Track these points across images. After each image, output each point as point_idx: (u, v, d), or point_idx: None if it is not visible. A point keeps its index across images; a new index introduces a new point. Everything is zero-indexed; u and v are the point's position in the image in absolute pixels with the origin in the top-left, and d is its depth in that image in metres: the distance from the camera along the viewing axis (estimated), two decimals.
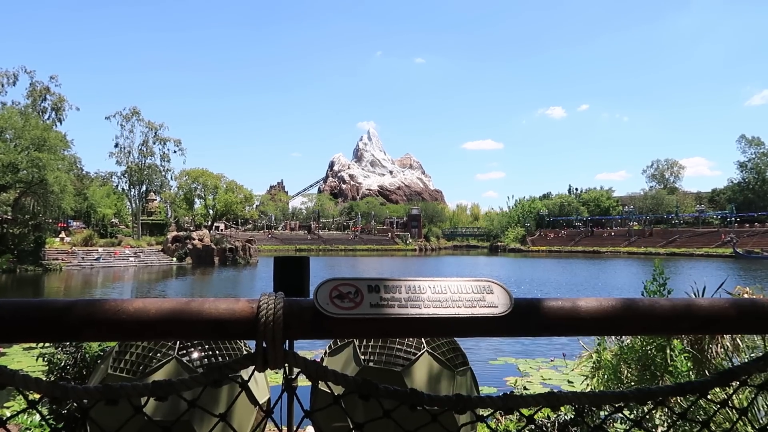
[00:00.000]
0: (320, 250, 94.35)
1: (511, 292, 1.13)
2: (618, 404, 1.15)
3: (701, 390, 1.17)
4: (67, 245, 52.24)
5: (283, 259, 3.82)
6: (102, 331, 1.01)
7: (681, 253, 78.65)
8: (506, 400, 1.11)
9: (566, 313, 1.13)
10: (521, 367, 11.89)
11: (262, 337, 1.03)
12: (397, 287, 1.10)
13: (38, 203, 44.54)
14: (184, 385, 1.05)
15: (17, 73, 58.38)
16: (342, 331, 1.07)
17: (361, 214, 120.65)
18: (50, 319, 1.00)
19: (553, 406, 1.13)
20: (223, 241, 60.78)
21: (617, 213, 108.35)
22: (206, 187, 76.65)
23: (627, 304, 1.16)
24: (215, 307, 1.05)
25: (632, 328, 1.17)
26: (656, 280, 5.02)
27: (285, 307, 1.05)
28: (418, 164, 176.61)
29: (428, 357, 4.82)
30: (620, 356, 5.31)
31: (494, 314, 1.09)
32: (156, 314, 1.02)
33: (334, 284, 1.09)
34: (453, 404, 1.09)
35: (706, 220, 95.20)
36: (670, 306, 1.17)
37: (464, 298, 1.10)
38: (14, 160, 41.09)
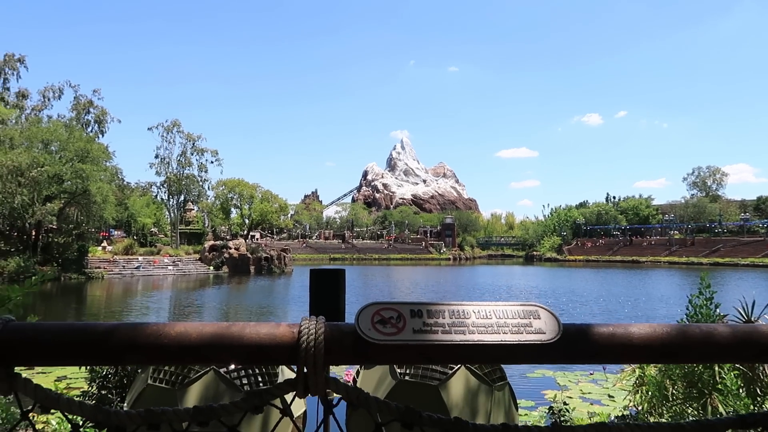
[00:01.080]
0: (354, 259, 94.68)
1: (559, 318, 1.09)
2: None
3: (765, 423, 1.10)
4: (108, 254, 53.73)
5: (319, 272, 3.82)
6: (144, 355, 1.01)
7: (725, 263, 76.17)
8: (555, 430, 1.06)
9: (618, 339, 1.08)
10: (560, 381, 11.65)
11: (303, 362, 1.01)
12: (441, 312, 1.07)
13: (81, 213, 45.94)
14: (224, 410, 1.03)
15: (62, 88, 60.70)
16: (384, 357, 1.04)
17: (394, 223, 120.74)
18: (93, 343, 1.00)
19: None
20: (259, 250, 61.56)
21: (657, 222, 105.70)
22: (242, 196, 77.89)
23: (682, 330, 1.10)
24: (256, 331, 1.04)
25: (688, 356, 1.11)
26: (702, 293, 4.83)
27: (326, 332, 1.03)
28: (452, 173, 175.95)
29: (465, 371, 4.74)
30: (665, 372, 5.13)
31: (542, 341, 1.04)
32: (197, 339, 1.01)
33: (376, 309, 1.06)
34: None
35: (752, 228, 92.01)
36: (730, 333, 1.10)
37: (510, 324, 1.06)
38: (59, 171, 42.56)
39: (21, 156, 40.34)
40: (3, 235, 45.60)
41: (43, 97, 59.65)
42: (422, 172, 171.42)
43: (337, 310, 2.12)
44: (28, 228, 44.10)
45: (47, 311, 26.63)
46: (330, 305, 3.40)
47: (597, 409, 9.13)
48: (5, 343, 0.99)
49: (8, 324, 1.02)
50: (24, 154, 40.95)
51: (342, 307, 2.56)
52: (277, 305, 29.47)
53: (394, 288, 42.64)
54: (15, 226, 44.88)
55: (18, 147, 42.38)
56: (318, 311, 2.21)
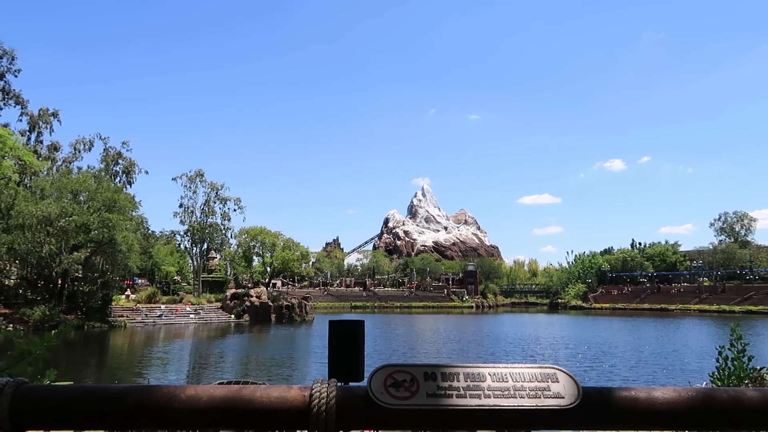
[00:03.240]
0: (375, 307, 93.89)
1: (578, 381, 1.06)
2: None
3: None
4: (132, 302, 54.12)
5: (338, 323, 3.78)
6: (155, 420, 1.00)
7: (758, 311, 73.74)
8: None
9: (641, 404, 1.04)
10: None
11: (314, 427, 0.99)
12: (455, 375, 1.05)
13: (107, 262, 46.63)
14: None
15: (93, 140, 62.66)
16: (397, 422, 1.02)
17: (416, 271, 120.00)
18: (105, 406, 0.99)
19: None
20: (280, 299, 61.47)
21: (684, 268, 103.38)
22: (264, 245, 78.44)
23: (709, 395, 1.06)
24: (267, 395, 1.02)
25: (716, 423, 1.06)
26: (734, 346, 4.66)
27: (338, 396, 1.01)
28: (473, 220, 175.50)
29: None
30: None
31: (561, 406, 1.01)
32: (207, 403, 1.00)
33: (389, 371, 1.05)
34: None
35: None
36: (760, 397, 1.06)
37: (527, 387, 1.03)
38: (87, 221, 43.51)
39: (50, 206, 41.42)
40: (30, 283, 46.35)
41: (74, 149, 61.65)
42: (443, 219, 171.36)
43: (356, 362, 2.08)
44: (55, 277, 44.81)
45: (69, 361, 26.72)
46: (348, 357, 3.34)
47: None
48: (18, 406, 0.99)
49: (21, 386, 1.02)
50: (53, 204, 42.06)
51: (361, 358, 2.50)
52: (298, 356, 29.17)
53: (415, 338, 42.01)
54: (42, 274, 45.65)
55: (48, 197, 43.58)
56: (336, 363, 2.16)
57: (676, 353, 29.33)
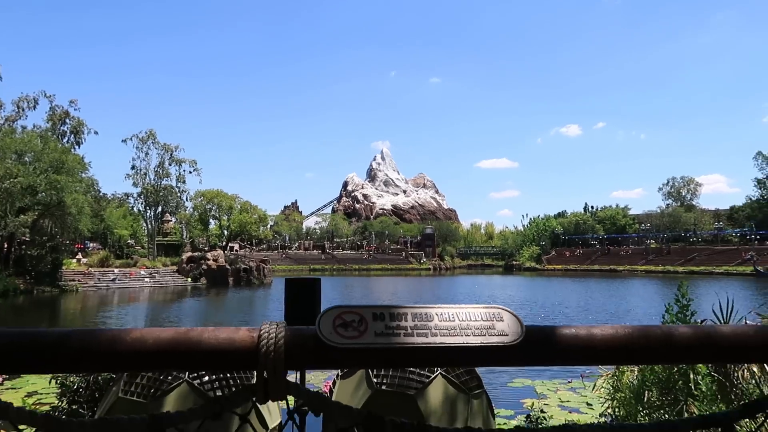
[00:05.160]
0: (334, 270, 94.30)
1: (522, 320, 1.09)
2: None
3: (726, 423, 1.11)
4: (83, 266, 52.76)
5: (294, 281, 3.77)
6: (100, 362, 0.98)
7: (700, 272, 77.46)
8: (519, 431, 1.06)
9: (580, 341, 1.08)
10: (538, 389, 11.68)
11: (263, 367, 0.99)
12: (404, 315, 1.06)
13: (56, 225, 45.09)
14: (182, 418, 1.01)
15: (37, 98, 59.67)
16: (346, 361, 1.03)
17: (374, 234, 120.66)
18: (45, 350, 0.97)
19: None
20: (238, 262, 61.00)
21: (634, 231, 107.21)
22: (221, 207, 77.21)
23: (644, 332, 1.11)
24: (215, 336, 1.02)
25: (650, 358, 1.11)
26: (679, 301, 4.90)
27: (287, 336, 1.01)
28: (432, 183, 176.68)
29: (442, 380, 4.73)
30: (641, 379, 5.18)
31: (505, 343, 1.04)
32: (154, 345, 0.99)
33: (337, 312, 1.05)
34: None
35: (725, 237, 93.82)
36: (690, 333, 1.11)
37: (473, 326, 1.06)
38: (33, 182, 41.77)
39: None
40: None
41: (17, 107, 58.56)
42: (402, 182, 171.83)
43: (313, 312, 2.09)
44: (1, 240, 43.15)
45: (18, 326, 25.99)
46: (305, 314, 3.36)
47: (575, 416, 9.18)
48: None
49: None
50: None
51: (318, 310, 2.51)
52: (256, 319, 29.17)
53: (373, 299, 42.49)
54: None
55: None
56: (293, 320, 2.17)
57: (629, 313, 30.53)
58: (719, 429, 1.11)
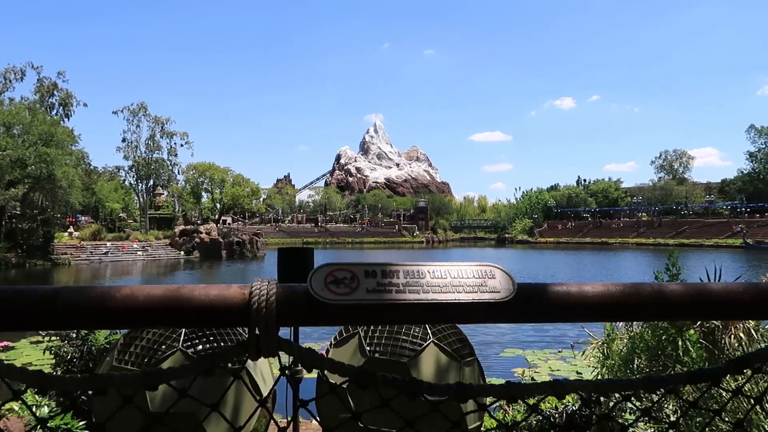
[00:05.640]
0: (327, 243, 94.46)
1: (514, 278, 1.09)
2: (626, 393, 1.11)
3: (714, 378, 1.13)
4: (75, 240, 52.58)
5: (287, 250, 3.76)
6: (89, 319, 0.98)
7: (690, 244, 78.16)
8: (510, 388, 1.07)
9: (572, 298, 1.08)
10: (529, 358, 11.85)
11: (254, 324, 0.99)
12: (395, 272, 1.06)
13: (46, 198, 44.76)
14: (174, 374, 1.01)
15: (24, 69, 58.58)
16: (337, 317, 1.03)
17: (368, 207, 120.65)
18: (34, 306, 0.96)
19: (558, 394, 1.08)
20: (231, 235, 60.93)
21: (626, 204, 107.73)
22: (213, 180, 76.78)
23: (635, 289, 1.11)
24: (206, 293, 1.01)
25: (641, 314, 1.12)
26: (669, 270, 4.95)
27: (278, 293, 1.01)
28: (425, 157, 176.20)
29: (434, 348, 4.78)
30: (630, 346, 5.25)
31: (496, 299, 1.04)
32: (144, 301, 0.98)
33: (329, 269, 1.05)
34: (454, 393, 1.05)
35: (716, 210, 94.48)
36: (681, 290, 1.12)
37: (465, 283, 1.06)
38: (22, 155, 41.29)
39: None
40: None
41: (3, 78, 57.52)
42: (395, 155, 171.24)
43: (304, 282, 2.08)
44: None
45: None
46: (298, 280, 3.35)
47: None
48: None
49: None
50: None
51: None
52: None
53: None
54: None
55: None
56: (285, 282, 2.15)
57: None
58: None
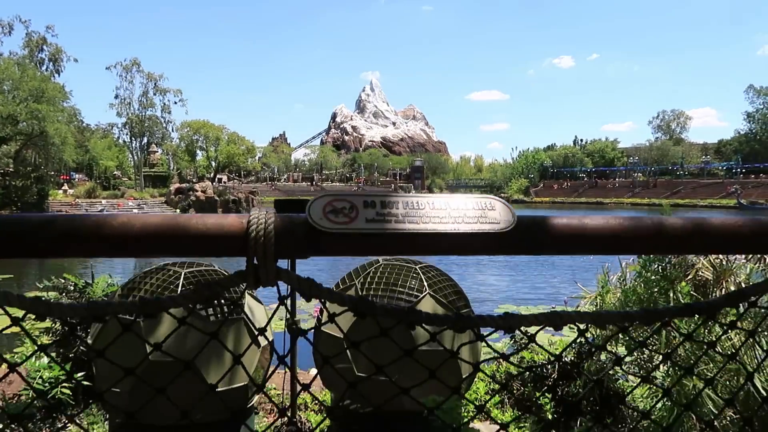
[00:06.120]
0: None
1: (513, 210, 1.08)
2: (622, 324, 1.12)
3: (709, 311, 1.14)
4: (70, 197, 52.42)
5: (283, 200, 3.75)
6: (86, 245, 0.97)
7: (685, 204, 78.44)
8: (507, 319, 1.07)
9: (572, 230, 1.08)
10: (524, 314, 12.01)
11: (252, 253, 0.99)
12: (395, 203, 1.05)
13: (39, 156, 44.41)
14: (173, 302, 1.01)
15: (12, 23, 57.22)
16: (336, 247, 1.02)
17: (363, 166, 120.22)
18: (27, 234, 0.95)
19: (555, 325, 1.09)
20: (226, 193, 60.81)
21: (622, 164, 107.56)
22: (208, 138, 76.15)
23: (635, 222, 1.11)
24: (203, 222, 1.00)
25: (640, 247, 1.12)
26: None
27: (276, 222, 1.00)
28: (422, 115, 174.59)
29: (431, 300, 4.83)
30: (623, 299, 5.31)
31: (496, 230, 1.04)
32: (141, 229, 0.97)
33: (328, 199, 1.04)
34: (452, 322, 1.06)
35: (712, 171, 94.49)
36: (680, 224, 1.12)
37: (465, 215, 1.05)
38: (13, 111, 40.74)
39: None
40: None
41: None
42: (392, 114, 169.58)
43: None
44: None
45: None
46: None
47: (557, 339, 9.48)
48: None
49: None
50: None
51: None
52: None
53: None
54: None
55: None
56: None
57: None
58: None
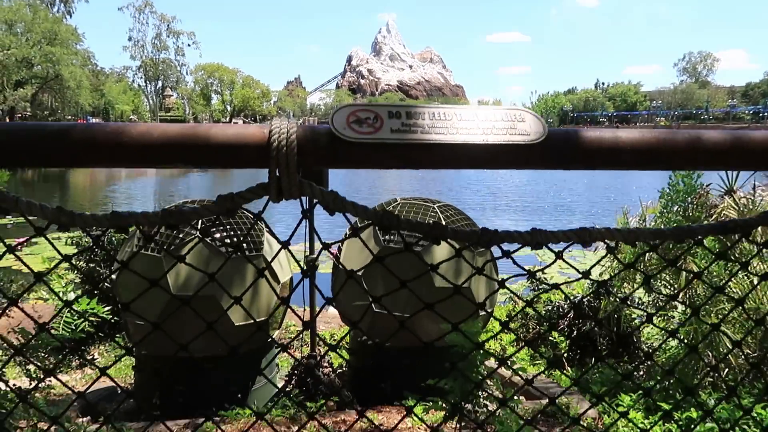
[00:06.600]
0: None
1: (544, 122, 1.04)
2: (653, 241, 1.09)
3: (744, 228, 1.10)
4: None
5: None
6: (104, 155, 0.95)
7: None
8: (534, 234, 1.05)
9: (605, 144, 1.04)
10: (540, 258, 12.04)
11: (275, 164, 0.96)
12: (421, 114, 1.01)
13: (56, 99, 44.45)
14: (195, 214, 1.00)
15: None
16: (360, 158, 0.99)
17: None
18: (44, 142, 0.93)
19: (584, 241, 1.07)
20: None
21: (644, 108, 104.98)
22: (223, 82, 75.48)
23: (671, 135, 1.06)
24: (223, 132, 0.98)
25: (676, 162, 1.08)
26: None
27: (299, 132, 0.97)
28: (439, 58, 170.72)
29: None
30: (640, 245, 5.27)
31: (526, 142, 1.00)
32: (160, 138, 0.95)
33: (351, 109, 1.00)
34: (478, 237, 1.04)
35: (737, 115, 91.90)
36: (719, 138, 1.07)
37: (494, 126, 1.01)
38: (27, 54, 40.56)
39: None
40: None
41: None
42: (408, 57, 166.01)
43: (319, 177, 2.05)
44: (2, 115, 42.75)
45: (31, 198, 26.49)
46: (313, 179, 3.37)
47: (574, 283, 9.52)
48: None
49: None
50: None
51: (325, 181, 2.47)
52: None
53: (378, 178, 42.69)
54: None
55: None
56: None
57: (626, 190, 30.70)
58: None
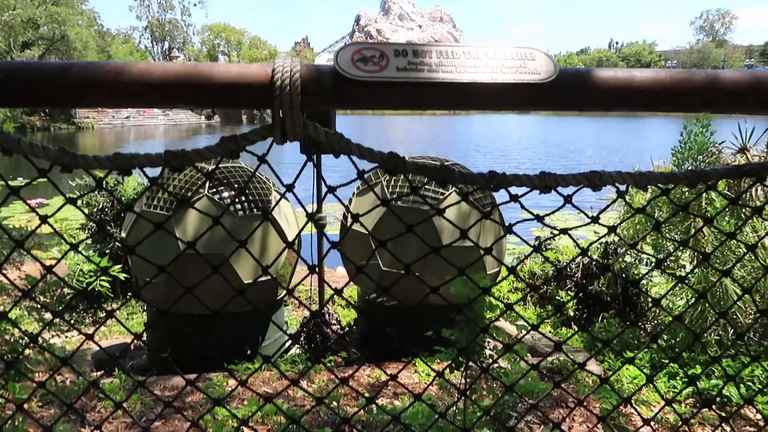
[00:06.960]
0: (347, 109, 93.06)
1: (555, 61, 1.00)
2: (666, 185, 1.06)
3: (760, 173, 1.07)
4: None
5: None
6: (104, 94, 0.93)
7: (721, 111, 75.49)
8: (543, 178, 1.03)
9: (618, 83, 1.00)
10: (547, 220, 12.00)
11: (278, 104, 0.94)
12: (427, 52, 0.98)
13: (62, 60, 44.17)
14: (199, 155, 0.98)
15: None
16: (365, 97, 0.97)
17: None
18: (43, 81, 0.91)
19: (594, 185, 1.04)
20: None
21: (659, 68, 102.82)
22: (229, 43, 74.54)
23: (688, 74, 1.03)
24: (226, 70, 0.95)
25: (692, 103, 1.04)
26: (700, 121, 4.74)
27: (302, 71, 0.95)
28: (449, 17, 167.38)
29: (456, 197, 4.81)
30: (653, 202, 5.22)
31: (536, 81, 0.97)
32: (161, 77, 0.93)
33: (356, 48, 0.97)
34: (486, 181, 1.02)
35: None
36: (738, 77, 1.03)
37: (503, 64, 0.98)
38: (33, 15, 40.14)
39: None
40: None
41: None
42: (418, 16, 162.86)
43: None
44: None
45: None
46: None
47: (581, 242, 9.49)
48: None
49: None
50: None
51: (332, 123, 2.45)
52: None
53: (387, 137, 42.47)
54: None
55: None
56: None
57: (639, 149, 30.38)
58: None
